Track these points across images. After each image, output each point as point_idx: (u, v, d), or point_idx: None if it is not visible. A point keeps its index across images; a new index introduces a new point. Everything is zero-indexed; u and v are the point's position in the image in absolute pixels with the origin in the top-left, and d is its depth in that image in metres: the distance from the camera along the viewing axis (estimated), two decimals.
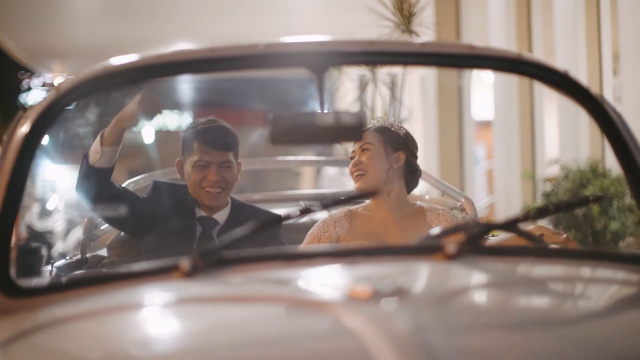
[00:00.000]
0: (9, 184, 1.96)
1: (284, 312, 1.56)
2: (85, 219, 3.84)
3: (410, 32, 6.95)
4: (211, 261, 1.81)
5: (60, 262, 3.38)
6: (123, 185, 3.95)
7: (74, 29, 14.15)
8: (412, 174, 3.38)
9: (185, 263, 1.80)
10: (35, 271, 1.95)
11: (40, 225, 14.70)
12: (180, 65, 2.10)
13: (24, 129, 2.03)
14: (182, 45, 14.20)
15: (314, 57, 2.07)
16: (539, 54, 9.23)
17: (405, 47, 2.17)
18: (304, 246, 3.16)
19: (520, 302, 1.69)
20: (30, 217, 15.23)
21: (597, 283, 1.88)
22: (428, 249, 1.85)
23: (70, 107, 2.09)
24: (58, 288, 1.88)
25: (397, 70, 8.89)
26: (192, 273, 1.79)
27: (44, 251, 3.55)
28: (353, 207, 3.33)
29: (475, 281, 1.76)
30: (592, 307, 1.74)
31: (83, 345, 1.59)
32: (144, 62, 2.09)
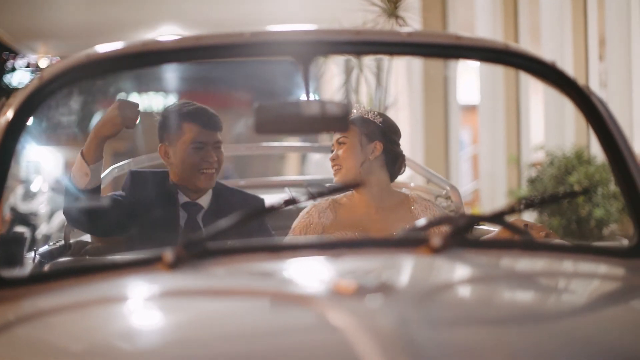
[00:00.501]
0: None
1: (267, 306, 1.55)
2: None
3: (397, 17, 6.93)
4: (195, 252, 1.80)
5: (43, 249, 3.35)
6: (107, 170, 3.93)
7: (58, 10, 14.06)
8: (393, 162, 3.37)
9: (168, 254, 1.79)
10: (18, 260, 1.93)
11: (24, 207, 14.62)
12: (165, 54, 2.08)
13: (7, 117, 2.00)
14: (168, 28, 14.13)
15: (300, 46, 2.06)
16: (525, 40, 9.22)
17: (392, 37, 2.15)
18: (290, 237, 3.16)
19: (505, 296, 1.69)
20: (14, 199, 15.16)
21: (582, 277, 1.88)
22: (413, 242, 1.84)
23: (53, 96, 2.06)
24: (40, 279, 1.86)
25: (382, 56, 8.87)
26: (175, 264, 1.77)
27: (27, 235, 3.53)
28: (337, 197, 3.33)
29: (460, 275, 1.76)
30: (577, 301, 1.73)
31: (66, 338, 1.57)
32: (128, 50, 2.07)
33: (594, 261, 1.95)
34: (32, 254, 3.06)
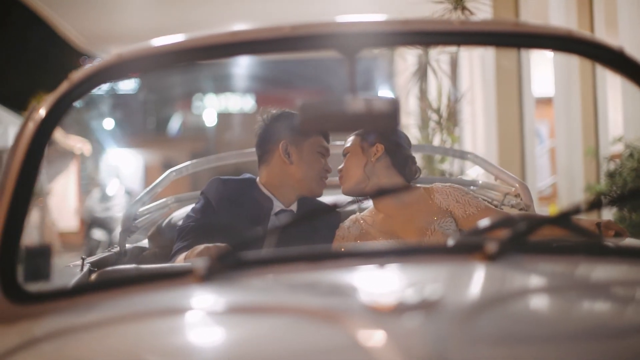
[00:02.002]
0: (18, 179, 1.85)
1: (297, 324, 1.40)
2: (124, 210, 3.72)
3: (464, 8, 6.74)
4: (228, 264, 1.68)
5: (96, 256, 3.27)
6: (165, 174, 3.84)
7: (131, 14, 14.15)
8: (401, 164, 3.36)
9: (200, 266, 1.67)
10: (44, 274, 1.83)
11: (100, 210, 14.73)
12: (199, 51, 1.96)
13: (37, 119, 1.92)
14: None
15: (344, 39, 1.92)
16: (600, 30, 8.93)
17: (442, 26, 1.99)
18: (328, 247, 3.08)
19: (568, 310, 1.50)
20: (90, 202, 15.32)
21: None
22: (466, 248, 1.68)
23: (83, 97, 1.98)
24: (67, 294, 1.75)
25: (454, 48, 8.67)
26: (208, 277, 1.66)
27: (101, 239, 3.48)
28: (358, 215, 3.37)
29: (516, 286, 1.58)
30: None
31: (92, 356, 1.47)
32: (159, 49, 1.96)
33: None
34: (80, 261, 2.98)
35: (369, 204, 3.44)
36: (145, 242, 3.78)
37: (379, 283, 1.51)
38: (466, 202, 3.23)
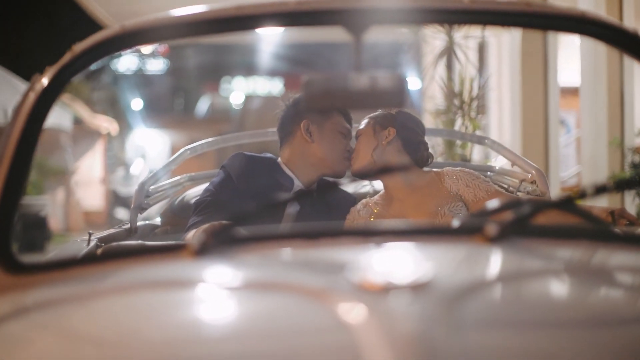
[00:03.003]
0: (17, 150, 1.84)
1: (284, 301, 1.38)
2: (137, 186, 3.71)
3: None
4: (222, 239, 1.66)
5: (103, 233, 3.26)
6: (180, 152, 3.82)
7: None
8: (413, 149, 3.36)
9: (195, 241, 1.66)
10: (39, 245, 1.81)
11: (124, 190, 14.76)
12: (202, 25, 1.94)
13: (38, 90, 1.91)
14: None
15: (350, 15, 1.88)
16: (629, 17, 8.82)
17: (453, 4, 1.95)
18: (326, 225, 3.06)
19: (563, 294, 1.46)
20: (115, 181, 15.36)
21: None
22: (467, 230, 1.65)
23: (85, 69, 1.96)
24: (60, 265, 1.74)
25: (481, 33, 8.61)
26: (201, 252, 1.64)
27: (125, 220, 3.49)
28: (369, 199, 3.37)
29: (513, 269, 1.54)
30: None
31: (82, 324, 1.46)
32: (162, 21, 1.94)
33: None
34: (94, 237, 2.97)
35: (380, 187, 3.42)
36: (157, 220, 3.78)
37: (373, 262, 1.48)
38: (476, 186, 3.20)
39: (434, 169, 3.35)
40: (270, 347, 1.23)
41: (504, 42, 11.77)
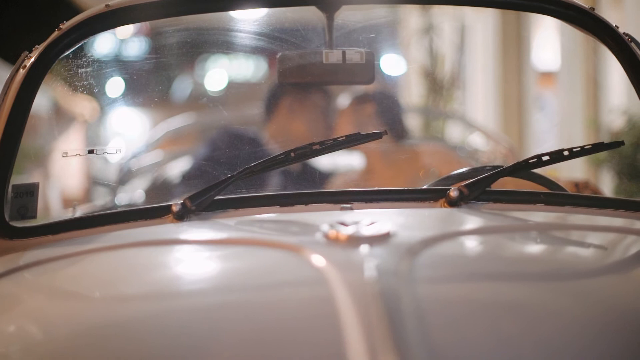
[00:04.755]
0: (6, 124, 1.93)
1: (260, 255, 1.51)
2: None
3: None
4: (202, 205, 1.78)
5: (87, 205, 3.38)
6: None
7: None
8: (391, 123, 3.38)
9: (176, 206, 1.79)
10: (31, 211, 1.93)
11: (103, 171, 14.86)
12: (185, 4, 2.05)
13: (26, 68, 2.00)
14: None
15: None
16: (606, 6, 8.90)
17: None
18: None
19: (511, 251, 1.60)
20: (93, 163, 15.41)
21: (607, 232, 1.77)
22: (429, 194, 1.78)
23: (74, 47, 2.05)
24: (52, 230, 1.86)
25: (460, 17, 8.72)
26: (182, 216, 1.77)
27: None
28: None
29: (469, 228, 1.68)
30: (594, 258, 1.62)
31: (69, 280, 1.58)
32: (146, 0, 2.04)
33: (621, 216, 1.85)
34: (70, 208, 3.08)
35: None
36: (142, 196, 3.90)
37: (342, 220, 1.61)
38: (448, 161, 3.34)
39: (413, 144, 3.49)
40: (249, 296, 1.35)
41: (482, 25, 11.88)
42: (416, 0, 2.05)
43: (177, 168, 3.72)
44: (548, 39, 11.30)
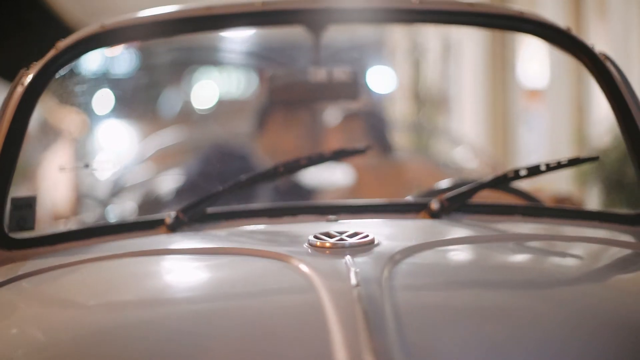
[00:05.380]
0: (5, 141, 2.00)
1: (249, 261, 1.60)
2: None
3: None
4: (193, 217, 1.87)
5: (81, 218, 3.46)
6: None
7: None
8: (379, 137, 3.62)
9: (169, 218, 1.88)
10: (29, 223, 2.00)
11: (91, 186, 14.93)
12: (177, 24, 2.12)
13: (23, 86, 2.06)
14: None
15: (310, 14, 2.09)
16: (592, 19, 9.00)
17: (402, 4, 2.16)
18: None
19: (489, 259, 1.68)
20: (81, 178, 15.48)
21: (581, 242, 1.85)
22: (412, 207, 1.87)
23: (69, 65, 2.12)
24: (49, 241, 1.93)
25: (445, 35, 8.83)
26: (175, 228, 1.85)
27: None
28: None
29: (449, 238, 1.76)
30: (569, 265, 1.71)
31: (67, 289, 1.66)
32: (141, 20, 2.12)
33: (597, 227, 1.93)
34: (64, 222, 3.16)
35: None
36: (134, 210, 3.98)
37: (328, 231, 1.69)
38: (432, 175, 3.44)
39: (401, 158, 3.60)
40: (240, 302, 1.44)
41: (470, 42, 11.99)
42: (398, 20, 2.13)
43: (169, 183, 3.81)
44: (535, 56, 11.42)
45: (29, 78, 2.08)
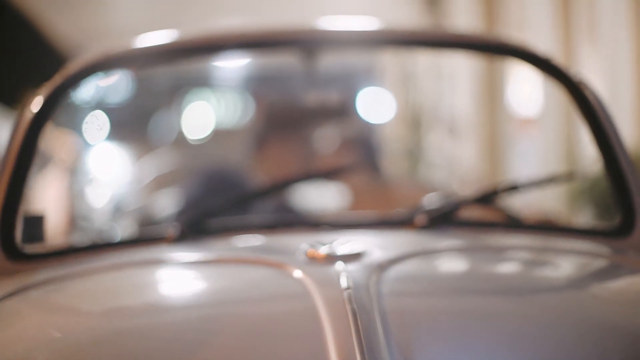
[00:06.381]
0: (16, 162, 2.10)
1: (248, 270, 1.73)
2: None
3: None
4: (196, 229, 1.99)
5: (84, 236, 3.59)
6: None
7: (120, 12, 14.22)
8: (370, 161, 3.75)
9: (172, 231, 2.01)
10: (38, 237, 2.12)
11: (86, 212, 15.02)
12: (168, 52, 2.22)
13: (33, 109, 2.14)
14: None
15: (303, 41, 2.21)
16: (582, 40, 9.06)
17: (390, 34, 2.29)
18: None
19: (472, 268, 1.82)
20: (77, 203, 15.55)
21: (559, 253, 1.97)
22: (399, 220, 2.00)
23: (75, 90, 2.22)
24: (58, 253, 2.05)
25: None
26: (178, 240, 1.98)
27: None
28: None
29: (434, 249, 1.89)
30: (547, 276, 1.83)
31: (75, 297, 1.77)
32: (147, 47, 2.21)
33: (576, 240, 2.06)
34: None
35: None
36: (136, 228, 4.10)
37: (321, 241, 1.81)
38: (421, 196, 3.57)
39: (392, 179, 3.73)
40: (239, 307, 1.57)
41: (463, 70, 12.13)
42: (389, 46, 2.24)
43: (166, 206, 3.94)
44: (527, 85, 11.55)
45: (38, 102, 2.17)
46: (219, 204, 2.06)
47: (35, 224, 2.13)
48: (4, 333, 1.61)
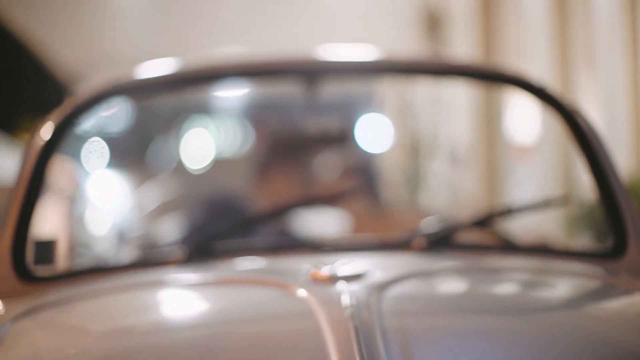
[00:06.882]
0: (27, 188, 2.16)
1: (254, 290, 1.79)
2: None
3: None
4: (202, 251, 2.06)
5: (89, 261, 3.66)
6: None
7: (116, 38, 14.29)
8: (369, 187, 3.83)
9: (180, 253, 2.08)
10: (50, 260, 2.18)
11: (87, 242, 15.05)
12: (183, 82, 2.30)
13: (43, 137, 2.21)
14: (230, 51, 14.27)
15: (303, 71, 2.29)
16: (578, 68, 9.13)
17: (389, 63, 2.36)
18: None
19: (469, 288, 1.89)
20: (77, 234, 15.59)
21: (553, 275, 2.04)
22: (398, 243, 2.07)
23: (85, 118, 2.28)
24: (68, 275, 2.11)
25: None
26: (186, 261, 2.05)
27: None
28: None
29: (432, 270, 1.95)
30: (542, 297, 1.89)
31: (85, 317, 1.82)
32: (156, 75, 2.28)
33: (570, 262, 2.13)
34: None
35: None
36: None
37: (323, 262, 1.87)
38: (418, 222, 3.64)
39: (391, 205, 3.81)
40: (245, 326, 1.63)
41: (460, 99, 12.19)
42: (387, 73, 2.32)
43: (172, 230, 4.01)
44: (525, 113, 11.63)
45: (49, 130, 2.22)
46: (224, 227, 2.12)
47: (47, 247, 2.20)
48: (16, 351, 1.66)
